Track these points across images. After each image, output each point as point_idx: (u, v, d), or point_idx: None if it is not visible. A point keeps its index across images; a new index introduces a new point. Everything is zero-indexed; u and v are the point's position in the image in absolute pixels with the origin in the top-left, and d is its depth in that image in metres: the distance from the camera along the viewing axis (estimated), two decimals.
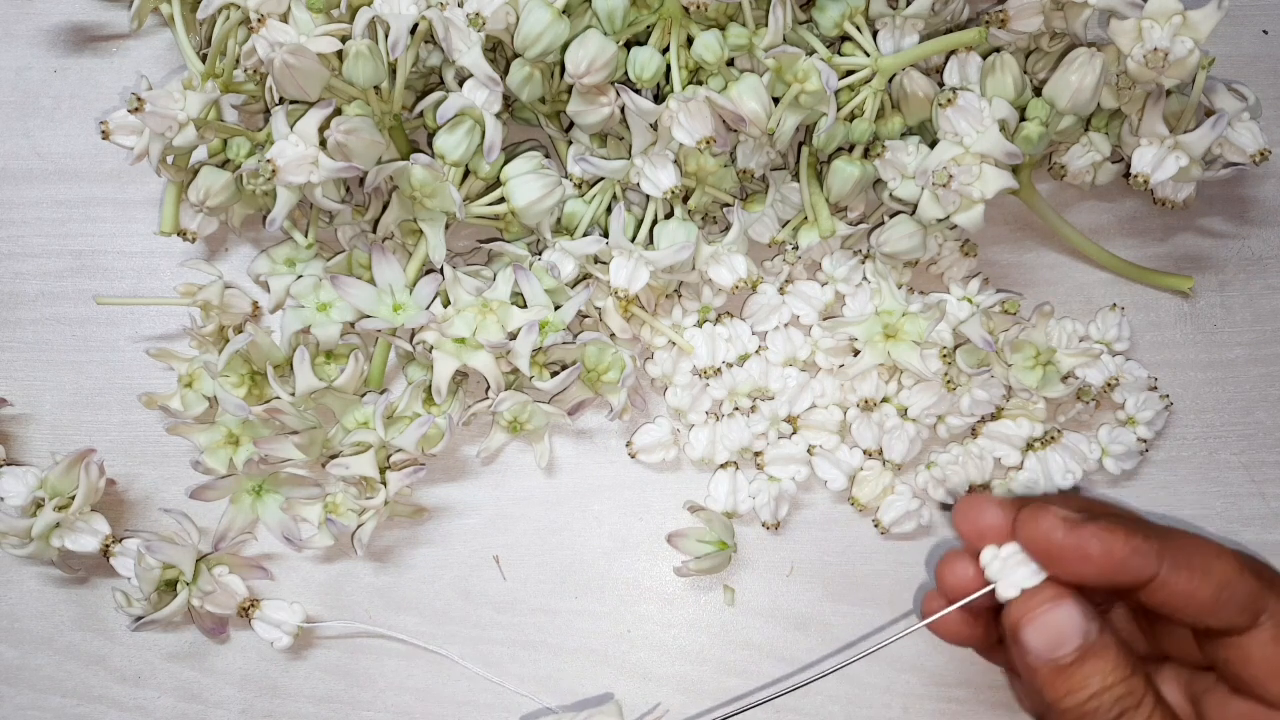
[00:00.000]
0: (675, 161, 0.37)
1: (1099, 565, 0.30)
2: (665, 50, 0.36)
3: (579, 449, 0.42)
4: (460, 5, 0.36)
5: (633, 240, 0.38)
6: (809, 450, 0.41)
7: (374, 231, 0.40)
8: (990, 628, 0.34)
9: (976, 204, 0.36)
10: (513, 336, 0.38)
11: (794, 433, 0.41)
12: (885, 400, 0.41)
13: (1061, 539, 0.30)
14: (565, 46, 0.35)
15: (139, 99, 0.36)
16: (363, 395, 0.40)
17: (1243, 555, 0.31)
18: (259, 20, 0.35)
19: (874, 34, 0.37)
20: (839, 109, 0.37)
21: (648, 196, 0.38)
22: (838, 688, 0.41)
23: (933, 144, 0.37)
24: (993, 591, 0.32)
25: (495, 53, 0.39)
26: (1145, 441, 0.41)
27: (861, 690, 0.41)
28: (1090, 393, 0.41)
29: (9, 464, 0.40)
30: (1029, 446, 0.41)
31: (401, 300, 0.38)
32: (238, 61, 0.38)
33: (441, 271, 0.38)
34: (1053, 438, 0.41)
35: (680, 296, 0.41)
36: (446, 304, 0.39)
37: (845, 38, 0.37)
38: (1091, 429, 0.41)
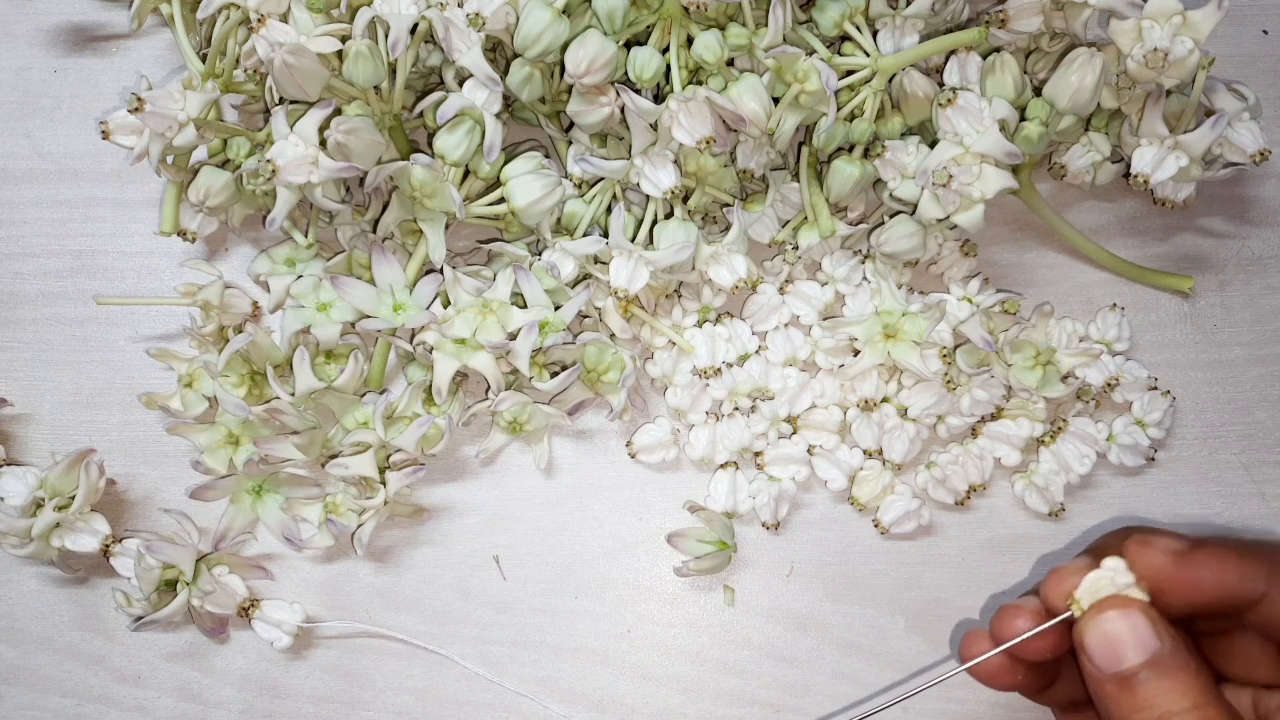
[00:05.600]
0: (675, 161, 0.37)
1: (1212, 592, 0.29)
2: (665, 50, 0.36)
3: (579, 449, 0.42)
4: (460, 5, 0.36)
5: (633, 240, 0.38)
6: (809, 450, 0.41)
7: (374, 231, 0.40)
8: (1037, 671, 0.33)
9: (976, 204, 0.36)
10: (513, 337, 0.38)
11: (794, 433, 0.41)
12: (885, 400, 0.41)
13: (1174, 570, 0.29)
14: (565, 46, 0.35)
15: (139, 99, 0.35)
16: (363, 395, 0.40)
17: None
18: (259, 20, 0.35)
19: (874, 34, 0.37)
20: (839, 109, 0.37)
21: (648, 196, 0.38)
22: (837, 688, 0.41)
23: (933, 144, 0.37)
24: (1048, 627, 0.30)
25: (495, 53, 0.39)
26: (1155, 445, 0.41)
27: (861, 690, 0.41)
28: (1090, 393, 0.41)
29: (9, 464, 0.40)
30: (1040, 442, 0.41)
31: (401, 300, 0.38)
32: (238, 61, 0.38)
33: (441, 271, 0.38)
34: (1060, 428, 0.41)
35: (680, 296, 0.41)
36: (446, 304, 0.39)
37: (845, 38, 0.37)
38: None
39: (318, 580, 0.41)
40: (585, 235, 0.39)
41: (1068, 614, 0.30)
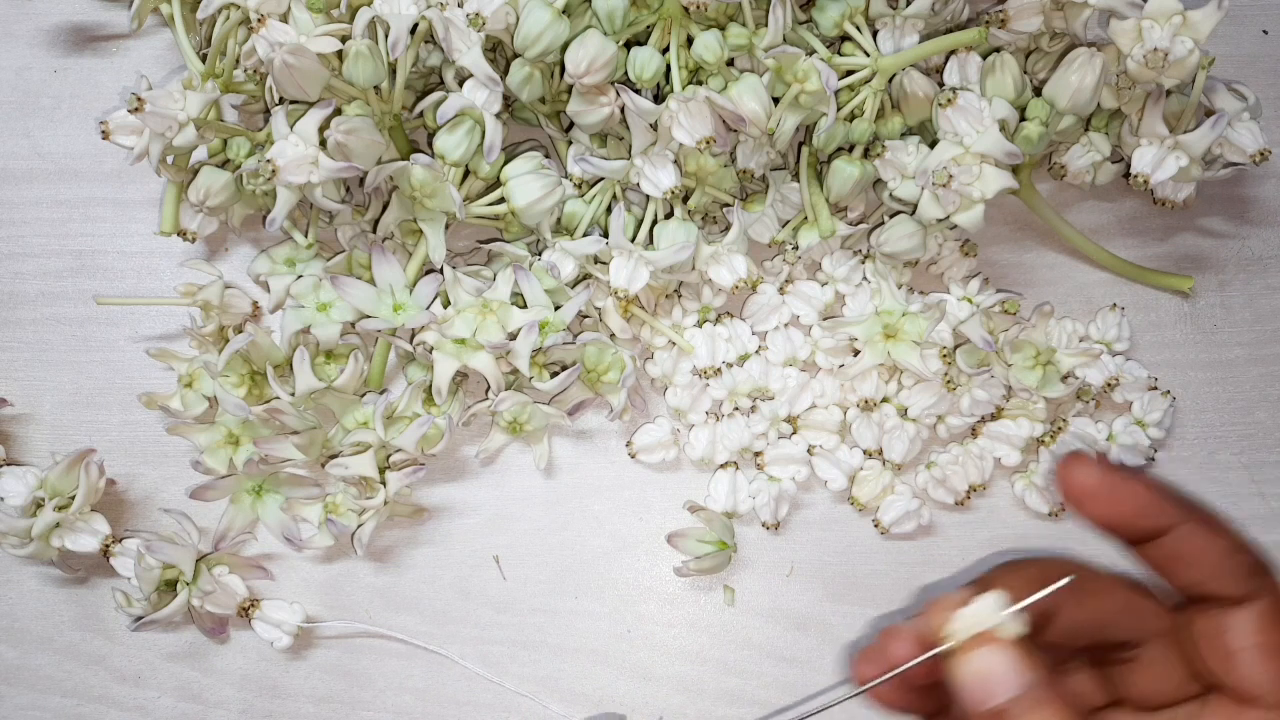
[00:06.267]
0: (675, 161, 0.37)
1: (1133, 508, 0.31)
2: (665, 50, 0.36)
3: (579, 449, 0.42)
4: (460, 5, 0.36)
5: (633, 240, 0.38)
6: (809, 450, 0.41)
7: (374, 231, 0.40)
8: (926, 695, 0.32)
9: (976, 204, 0.36)
10: (513, 337, 0.38)
11: (794, 433, 0.41)
12: (885, 400, 0.41)
13: (1103, 482, 0.31)
14: (565, 46, 0.35)
15: (139, 99, 0.36)
16: (363, 395, 0.40)
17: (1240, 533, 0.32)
18: (259, 20, 0.35)
19: (874, 34, 0.37)
20: (839, 109, 0.37)
21: (648, 196, 0.38)
22: (837, 688, 0.41)
23: (933, 144, 0.37)
24: (935, 658, 0.30)
25: (495, 53, 0.39)
26: (1155, 445, 0.41)
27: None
28: (1090, 393, 0.41)
29: (9, 464, 0.40)
30: (1040, 442, 0.41)
31: (401, 300, 0.38)
32: (238, 61, 0.38)
33: (441, 271, 0.38)
34: (1060, 428, 0.41)
35: (680, 296, 0.41)
36: (446, 304, 0.39)
37: (845, 38, 0.37)
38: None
39: (318, 580, 0.41)
40: (585, 235, 0.39)
41: (944, 645, 0.30)
